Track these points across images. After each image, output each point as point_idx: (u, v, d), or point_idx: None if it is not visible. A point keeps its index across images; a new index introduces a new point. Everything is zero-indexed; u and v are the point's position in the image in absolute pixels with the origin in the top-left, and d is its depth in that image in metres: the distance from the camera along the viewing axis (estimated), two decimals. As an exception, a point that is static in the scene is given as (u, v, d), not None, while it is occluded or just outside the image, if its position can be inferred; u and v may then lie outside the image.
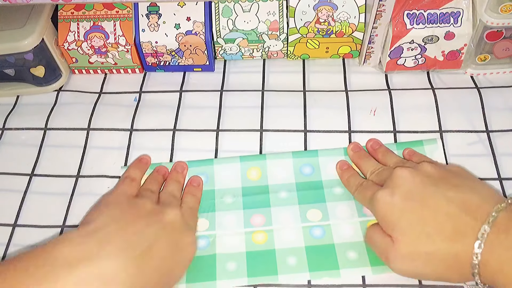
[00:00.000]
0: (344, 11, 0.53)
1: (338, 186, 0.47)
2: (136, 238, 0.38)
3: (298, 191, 0.47)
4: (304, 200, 0.47)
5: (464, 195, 0.38)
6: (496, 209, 0.37)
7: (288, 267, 0.43)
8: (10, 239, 0.46)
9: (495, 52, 0.54)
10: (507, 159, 0.49)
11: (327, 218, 0.45)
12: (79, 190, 0.49)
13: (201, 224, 0.46)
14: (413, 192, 0.39)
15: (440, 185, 0.39)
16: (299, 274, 0.43)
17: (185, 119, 0.54)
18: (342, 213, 0.46)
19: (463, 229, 0.36)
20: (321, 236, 0.45)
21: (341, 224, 0.45)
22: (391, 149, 0.49)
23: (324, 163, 0.49)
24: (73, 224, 0.47)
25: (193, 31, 0.54)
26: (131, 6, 0.54)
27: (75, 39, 0.54)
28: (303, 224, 0.45)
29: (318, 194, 0.47)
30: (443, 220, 0.37)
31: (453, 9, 0.51)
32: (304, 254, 0.44)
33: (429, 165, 0.42)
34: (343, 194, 0.47)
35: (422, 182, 0.40)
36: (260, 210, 0.46)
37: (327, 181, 0.48)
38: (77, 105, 0.56)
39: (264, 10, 0.54)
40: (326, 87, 0.56)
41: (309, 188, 0.47)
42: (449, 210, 0.38)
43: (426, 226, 0.38)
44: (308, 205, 0.46)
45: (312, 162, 0.49)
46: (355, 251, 0.43)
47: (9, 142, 0.53)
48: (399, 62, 0.55)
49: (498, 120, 0.52)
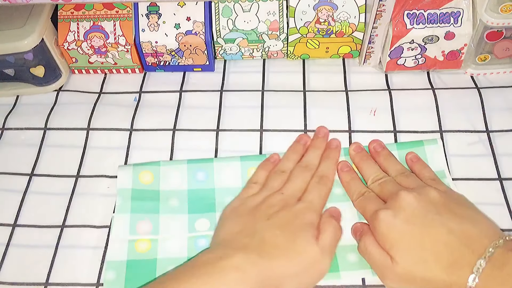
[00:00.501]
0: (344, 11, 0.53)
1: (338, 187, 0.47)
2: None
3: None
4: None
5: (465, 226, 0.39)
6: (493, 245, 0.37)
7: None
8: (9, 239, 0.46)
9: (495, 52, 0.54)
10: (507, 159, 0.49)
11: None
12: (78, 190, 0.49)
13: (203, 224, 0.46)
14: (415, 217, 0.40)
15: (442, 214, 0.40)
16: None
17: (185, 119, 0.54)
18: (343, 214, 0.45)
19: (460, 261, 0.37)
20: None
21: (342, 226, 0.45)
22: (391, 149, 0.49)
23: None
24: (73, 224, 0.47)
25: (193, 31, 0.54)
26: (131, 6, 0.54)
27: (75, 39, 0.54)
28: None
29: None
30: (441, 249, 0.38)
31: (453, 9, 0.51)
32: None
33: (434, 191, 0.42)
34: (343, 195, 0.47)
35: (425, 209, 0.40)
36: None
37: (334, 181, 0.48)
38: (77, 105, 0.56)
39: (264, 10, 0.54)
40: (326, 87, 0.56)
41: None
42: (448, 240, 0.38)
43: (425, 252, 0.38)
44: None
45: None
46: (356, 254, 0.43)
47: (9, 142, 0.53)
48: (399, 62, 0.55)
49: (498, 120, 0.52)
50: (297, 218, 0.42)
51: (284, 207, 0.43)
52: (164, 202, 0.47)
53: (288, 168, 0.48)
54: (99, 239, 0.46)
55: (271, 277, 0.38)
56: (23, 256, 0.45)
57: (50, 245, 0.46)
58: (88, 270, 0.44)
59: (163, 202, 0.47)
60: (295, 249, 0.40)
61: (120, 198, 0.47)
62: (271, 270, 0.38)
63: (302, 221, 0.42)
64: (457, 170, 0.48)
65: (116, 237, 0.45)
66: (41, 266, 0.44)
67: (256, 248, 0.39)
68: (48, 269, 0.44)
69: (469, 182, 0.48)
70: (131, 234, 0.45)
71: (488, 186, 0.47)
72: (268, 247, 0.40)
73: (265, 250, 0.39)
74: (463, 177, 0.48)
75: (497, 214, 0.45)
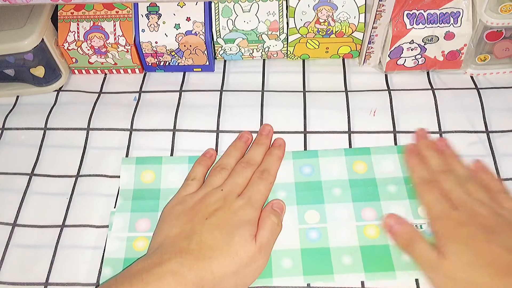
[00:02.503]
0: (344, 11, 0.53)
1: (337, 187, 0.47)
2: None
3: (297, 191, 0.47)
4: (302, 201, 0.46)
5: None
6: None
7: (283, 270, 0.43)
8: (9, 239, 0.46)
9: (495, 52, 0.54)
10: (507, 160, 0.49)
11: (324, 220, 0.45)
12: (78, 190, 0.49)
13: None
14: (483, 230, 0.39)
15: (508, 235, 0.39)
16: (293, 278, 0.42)
17: (185, 119, 0.54)
18: (340, 215, 0.46)
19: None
20: (316, 239, 0.44)
21: (337, 227, 0.45)
22: (391, 152, 0.49)
23: (324, 163, 0.49)
24: (73, 224, 0.47)
25: (193, 31, 0.54)
26: (131, 6, 0.54)
27: (75, 39, 0.55)
28: (300, 226, 0.45)
29: (316, 195, 0.47)
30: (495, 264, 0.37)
31: (453, 9, 0.51)
32: (300, 257, 0.43)
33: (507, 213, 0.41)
34: (341, 196, 0.47)
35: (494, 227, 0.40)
36: None
37: (327, 181, 0.48)
38: (77, 105, 0.56)
39: (264, 10, 0.54)
40: (326, 87, 0.56)
41: (308, 189, 0.47)
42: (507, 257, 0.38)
43: (479, 259, 0.38)
44: (307, 206, 0.46)
45: (312, 163, 0.49)
46: (350, 256, 0.43)
47: (9, 142, 0.53)
48: (399, 62, 0.55)
49: (498, 120, 0.52)
50: (236, 215, 0.42)
51: (223, 205, 0.43)
52: (164, 201, 0.47)
53: (229, 165, 0.48)
54: (99, 239, 0.46)
55: (209, 279, 0.39)
56: (23, 256, 0.45)
57: (50, 245, 0.46)
58: (88, 270, 0.44)
59: (163, 201, 0.47)
60: (232, 249, 0.40)
61: (121, 198, 0.47)
62: (209, 271, 0.39)
63: (240, 218, 0.42)
64: (457, 170, 0.48)
65: (115, 235, 0.45)
66: (41, 266, 0.44)
67: (194, 251, 0.40)
68: (48, 269, 0.44)
69: (469, 182, 0.48)
70: (130, 231, 0.45)
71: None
72: (206, 248, 0.40)
73: (203, 252, 0.40)
74: (463, 177, 0.48)
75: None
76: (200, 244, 0.40)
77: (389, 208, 0.45)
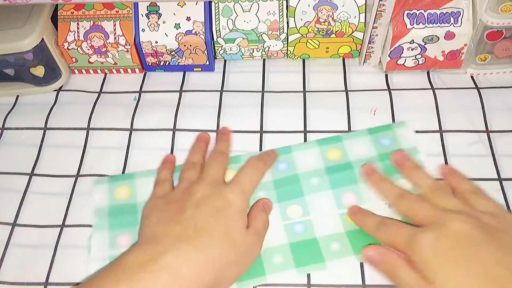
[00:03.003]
0: (344, 11, 0.53)
1: (315, 177, 0.47)
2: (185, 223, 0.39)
3: (276, 189, 0.47)
4: (283, 198, 0.46)
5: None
6: None
7: (276, 266, 0.43)
8: (9, 239, 0.46)
9: (495, 52, 0.54)
10: (507, 160, 0.49)
11: (307, 213, 0.45)
12: (78, 190, 0.49)
13: None
14: (462, 243, 0.37)
15: (491, 243, 0.37)
16: (286, 272, 0.42)
17: (185, 119, 0.54)
18: (321, 206, 0.46)
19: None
20: (303, 231, 0.45)
21: (321, 218, 0.45)
22: (363, 135, 0.50)
23: (298, 157, 0.49)
24: (72, 224, 0.47)
25: (193, 31, 0.54)
26: (131, 6, 0.54)
27: (75, 39, 0.54)
28: (285, 222, 0.45)
29: (295, 189, 0.47)
30: (486, 281, 0.35)
31: (453, 9, 0.51)
32: (289, 251, 0.44)
33: (484, 218, 0.39)
34: (320, 184, 0.47)
35: (473, 238, 0.37)
36: None
37: (303, 173, 0.48)
38: (76, 104, 0.56)
39: (264, 10, 0.54)
40: (326, 87, 0.56)
41: (286, 184, 0.47)
42: (496, 270, 0.35)
43: (469, 280, 0.35)
44: (288, 202, 0.46)
45: (286, 159, 0.49)
46: (338, 243, 0.44)
47: (9, 142, 0.53)
48: (399, 62, 0.55)
49: (498, 120, 0.52)
50: (229, 204, 0.41)
51: (211, 192, 0.42)
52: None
53: (198, 160, 0.47)
54: (99, 239, 0.46)
55: (210, 270, 0.37)
56: (23, 256, 0.45)
57: (50, 245, 0.46)
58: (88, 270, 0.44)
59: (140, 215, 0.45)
60: (230, 237, 0.39)
61: (97, 216, 0.46)
62: (209, 262, 0.37)
63: (235, 207, 0.41)
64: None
65: (95, 256, 0.44)
66: (41, 266, 0.44)
67: (190, 239, 0.37)
68: (48, 269, 0.44)
69: (469, 182, 0.48)
70: (111, 248, 0.44)
71: (488, 186, 0.47)
72: (203, 236, 0.38)
73: (201, 240, 0.38)
74: (463, 177, 0.48)
75: (497, 214, 0.45)
76: (196, 231, 0.38)
77: (366, 191, 0.46)
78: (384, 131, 0.50)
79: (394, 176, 0.46)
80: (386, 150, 0.49)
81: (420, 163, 0.47)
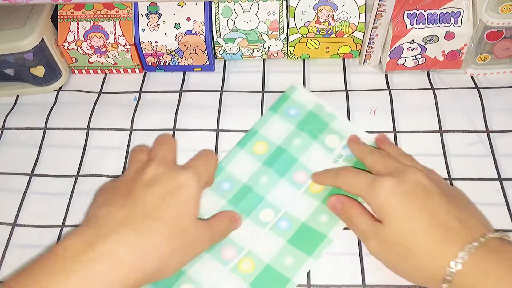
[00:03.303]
0: (344, 11, 0.53)
1: (260, 177, 0.47)
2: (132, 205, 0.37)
3: (236, 207, 0.46)
4: (247, 211, 0.46)
5: (464, 213, 0.39)
6: (491, 234, 0.37)
7: (290, 268, 0.43)
8: (9, 239, 0.46)
9: (495, 52, 0.54)
10: (507, 160, 0.49)
11: (278, 210, 0.46)
12: (78, 190, 0.49)
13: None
14: (419, 193, 0.40)
15: (444, 198, 0.40)
16: (303, 267, 0.43)
17: (185, 119, 0.54)
18: (284, 196, 0.46)
19: (452, 239, 0.37)
20: (288, 225, 0.45)
21: (293, 205, 0.46)
22: (270, 116, 0.51)
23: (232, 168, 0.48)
24: (72, 224, 0.47)
25: (193, 31, 0.54)
26: (131, 6, 0.54)
27: (75, 39, 0.54)
28: (267, 228, 0.45)
29: (252, 197, 0.46)
30: (435, 226, 0.38)
31: (453, 9, 0.51)
32: (292, 249, 0.44)
33: (442, 181, 0.44)
34: (269, 180, 0.47)
35: (429, 189, 0.40)
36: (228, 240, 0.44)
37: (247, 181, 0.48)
38: (76, 105, 0.56)
39: (264, 10, 0.54)
40: (326, 87, 0.56)
41: (241, 198, 0.46)
42: (446, 219, 0.38)
43: (419, 223, 0.38)
44: (255, 212, 0.46)
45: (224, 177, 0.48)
46: (324, 214, 0.45)
47: (9, 142, 0.53)
48: (399, 62, 0.55)
49: (498, 120, 0.52)
50: (182, 187, 0.38)
51: (164, 173, 0.39)
52: None
53: (147, 148, 0.46)
54: (99, 239, 0.46)
55: (153, 257, 0.35)
56: (23, 256, 0.45)
57: (49, 245, 0.46)
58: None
59: None
60: (179, 225, 0.37)
61: None
62: (152, 248, 0.35)
63: (188, 192, 0.39)
64: (457, 170, 0.48)
65: None
66: (41, 266, 0.44)
67: (135, 223, 0.35)
68: (48, 269, 0.44)
69: (469, 182, 0.48)
70: None
71: (488, 186, 0.47)
72: (149, 221, 0.36)
73: (146, 224, 0.35)
74: (463, 177, 0.48)
75: (497, 214, 0.45)
76: (144, 215, 0.36)
77: (309, 160, 0.48)
78: (284, 103, 0.52)
79: (320, 138, 0.49)
80: (299, 119, 0.51)
81: (331, 115, 0.51)
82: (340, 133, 0.50)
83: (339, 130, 0.50)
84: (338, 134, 0.50)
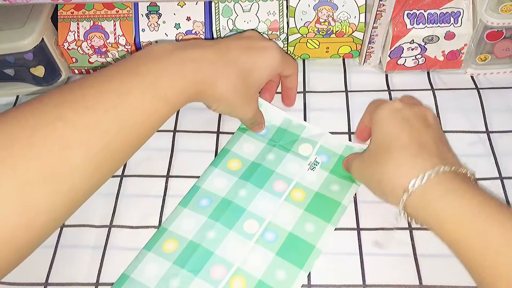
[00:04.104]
0: (344, 11, 0.53)
1: (239, 190, 0.47)
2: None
3: (220, 222, 0.45)
4: (230, 224, 0.45)
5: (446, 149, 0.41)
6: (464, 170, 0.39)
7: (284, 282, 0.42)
8: (9, 239, 0.46)
9: (495, 52, 0.54)
10: (508, 160, 0.49)
11: (262, 219, 0.45)
12: (78, 190, 0.49)
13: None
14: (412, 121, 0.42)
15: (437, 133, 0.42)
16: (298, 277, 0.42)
17: (185, 120, 0.54)
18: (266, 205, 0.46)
19: (425, 157, 0.38)
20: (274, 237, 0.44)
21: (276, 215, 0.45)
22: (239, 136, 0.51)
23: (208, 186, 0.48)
24: (72, 224, 0.47)
25: (193, 31, 0.54)
26: (131, 6, 0.54)
27: (75, 39, 0.54)
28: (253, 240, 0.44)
29: (234, 210, 0.45)
30: (415, 143, 0.40)
31: (453, 9, 0.51)
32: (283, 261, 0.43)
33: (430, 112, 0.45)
34: (247, 194, 0.46)
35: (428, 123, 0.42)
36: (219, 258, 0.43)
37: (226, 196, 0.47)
38: (77, 105, 0.56)
39: (264, 10, 0.54)
40: (326, 87, 0.56)
41: (223, 211, 0.46)
42: (427, 142, 0.40)
43: (400, 139, 0.40)
44: (238, 225, 0.45)
45: (203, 194, 0.47)
46: (309, 222, 0.45)
47: (9, 142, 0.53)
48: (399, 62, 0.55)
49: (498, 120, 0.52)
50: (267, 49, 0.46)
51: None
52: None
53: None
54: (99, 239, 0.46)
55: (229, 61, 0.43)
56: (23, 256, 0.45)
57: (49, 245, 0.46)
58: (88, 270, 0.44)
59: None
60: (249, 78, 0.44)
61: None
62: (226, 51, 0.43)
63: (270, 58, 0.46)
64: (457, 170, 0.48)
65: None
66: (41, 266, 0.44)
67: (218, 48, 0.43)
68: (47, 269, 0.44)
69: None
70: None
71: (488, 186, 0.47)
72: (227, 51, 0.43)
73: (225, 51, 0.43)
74: (463, 177, 0.48)
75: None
76: (227, 48, 0.44)
77: (285, 170, 0.48)
78: None
79: (292, 149, 0.50)
80: (269, 137, 0.51)
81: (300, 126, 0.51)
82: (312, 140, 0.50)
83: (310, 138, 0.50)
84: (310, 141, 0.50)
